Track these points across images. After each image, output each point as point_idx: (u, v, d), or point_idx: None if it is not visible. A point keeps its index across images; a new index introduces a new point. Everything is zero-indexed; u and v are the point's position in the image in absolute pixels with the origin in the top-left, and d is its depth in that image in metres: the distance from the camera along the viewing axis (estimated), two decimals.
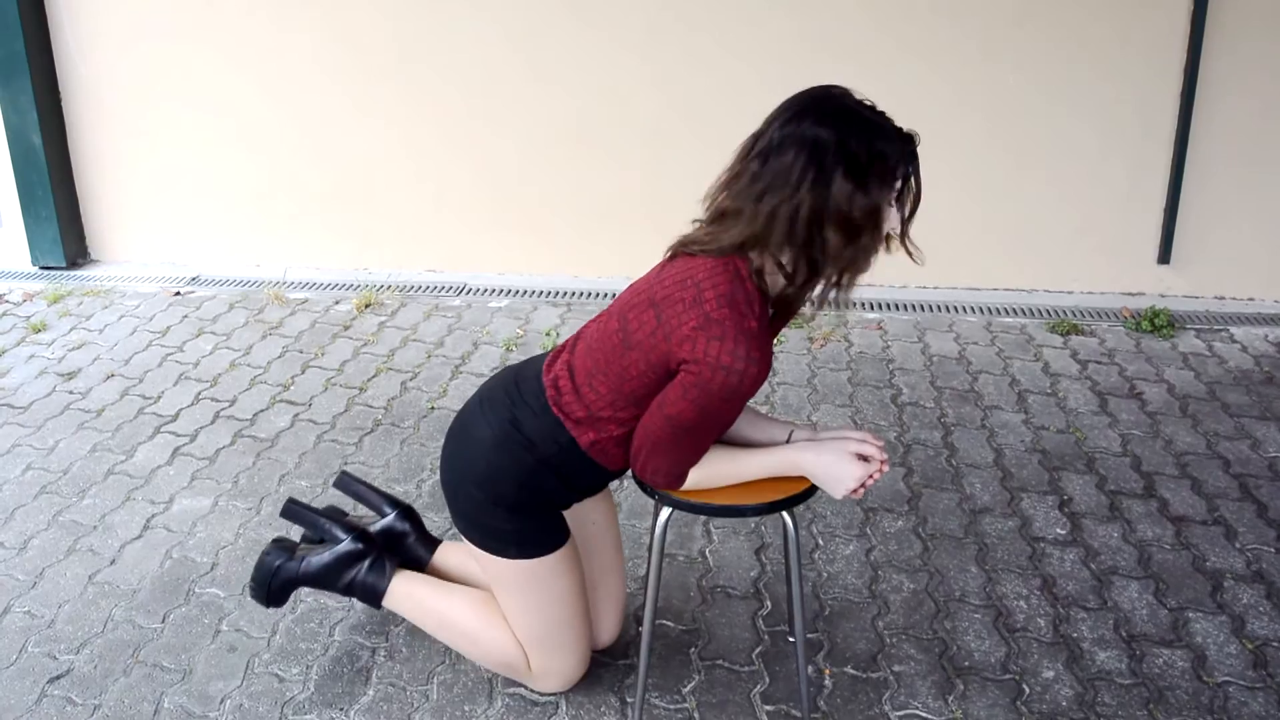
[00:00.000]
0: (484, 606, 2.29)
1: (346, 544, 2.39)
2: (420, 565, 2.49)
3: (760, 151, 1.84)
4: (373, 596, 2.39)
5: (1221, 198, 4.35)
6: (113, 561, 2.85)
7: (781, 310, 2.07)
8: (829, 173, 1.79)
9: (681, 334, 1.85)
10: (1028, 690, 2.35)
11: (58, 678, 2.43)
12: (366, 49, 4.63)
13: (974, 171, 4.43)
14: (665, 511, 2.10)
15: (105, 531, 2.98)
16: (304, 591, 2.67)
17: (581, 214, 4.71)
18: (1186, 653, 2.46)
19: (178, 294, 4.73)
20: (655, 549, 2.11)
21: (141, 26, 4.74)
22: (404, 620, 2.56)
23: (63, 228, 4.96)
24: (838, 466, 2.00)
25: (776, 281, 1.92)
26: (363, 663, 2.46)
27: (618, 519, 2.42)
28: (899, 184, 1.86)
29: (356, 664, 2.46)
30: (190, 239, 5.02)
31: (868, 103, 1.87)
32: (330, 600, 2.64)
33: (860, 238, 1.84)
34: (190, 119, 4.84)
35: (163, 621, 2.61)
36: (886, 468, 2.04)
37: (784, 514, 2.09)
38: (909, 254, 1.94)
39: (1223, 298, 4.50)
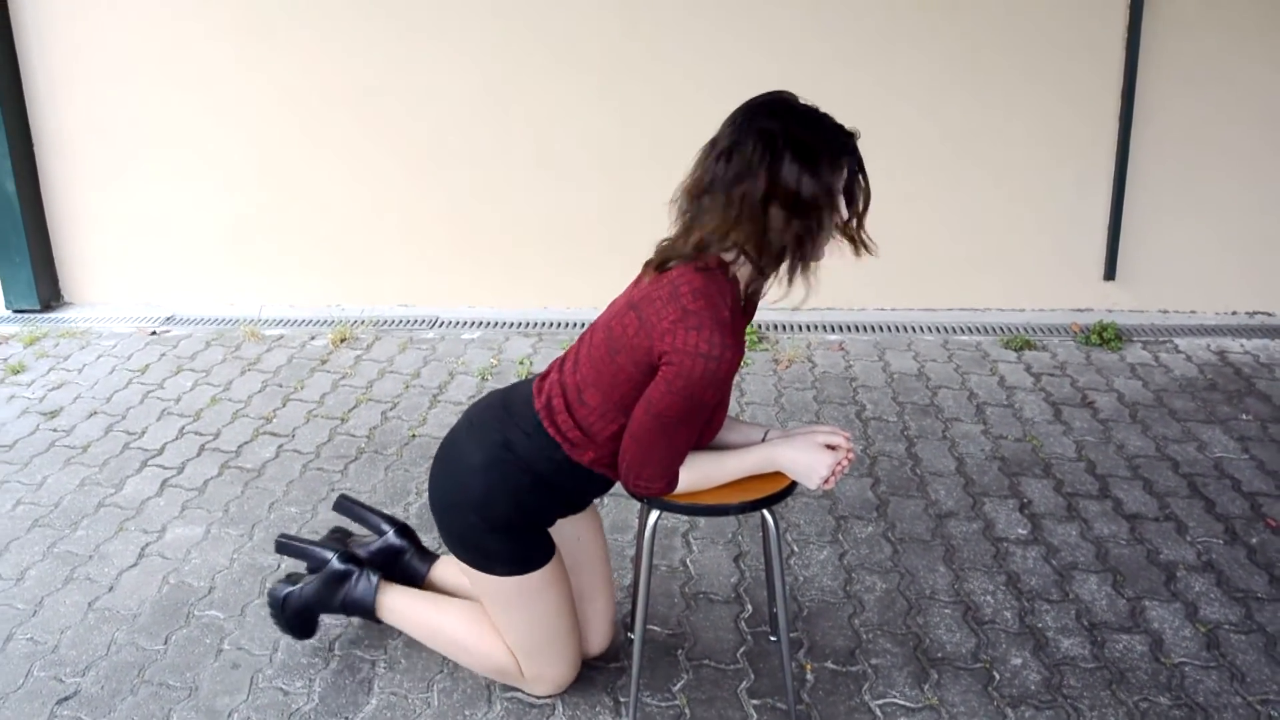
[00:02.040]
0: (476, 617, 2.40)
1: (332, 565, 2.51)
2: (419, 580, 2.59)
3: (722, 151, 1.99)
4: (366, 611, 2.50)
5: (1160, 217, 4.57)
6: (110, 589, 2.92)
7: (750, 301, 2.20)
8: (779, 156, 1.93)
9: (661, 328, 1.98)
10: (998, 677, 2.49)
11: (66, 699, 2.50)
12: (329, 87, 4.76)
13: (927, 195, 4.62)
14: (654, 515, 2.23)
15: (101, 560, 3.06)
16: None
17: (549, 246, 4.84)
18: (1145, 637, 2.61)
19: (154, 333, 4.81)
20: (645, 550, 2.23)
21: (111, 73, 4.84)
22: (402, 633, 2.66)
23: (36, 271, 5.02)
24: (808, 456, 2.14)
25: (745, 271, 2.06)
26: (364, 674, 2.55)
27: (604, 534, 2.54)
28: (844, 174, 1.99)
29: (358, 675, 2.55)
30: (164, 280, 5.10)
31: (810, 104, 2.01)
32: (329, 617, 2.73)
33: (809, 218, 1.96)
34: (160, 163, 4.94)
35: (165, 643, 2.69)
36: (853, 456, 2.18)
37: (764, 512, 2.22)
38: (865, 246, 2.07)
39: (1166, 311, 4.71)
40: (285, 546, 2.62)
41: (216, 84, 4.81)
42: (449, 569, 2.60)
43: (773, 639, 2.63)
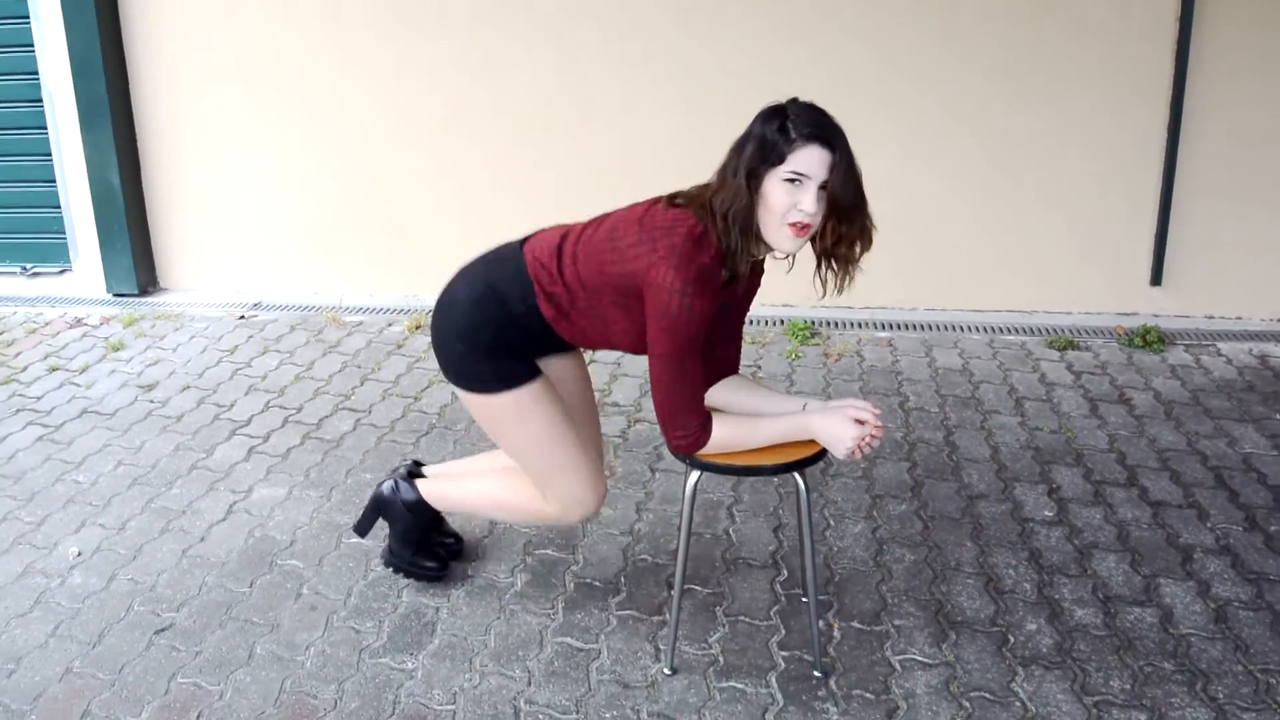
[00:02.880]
0: (504, 475, 2.72)
1: (375, 494, 2.93)
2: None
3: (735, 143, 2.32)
4: (417, 508, 2.86)
5: (1208, 224, 4.69)
6: (202, 539, 3.22)
7: (734, 276, 2.38)
8: (744, 141, 2.28)
9: (653, 258, 2.24)
10: (1012, 640, 2.67)
11: (162, 630, 2.79)
12: (412, 88, 5.05)
13: (979, 201, 4.79)
14: (694, 475, 2.45)
15: (193, 515, 3.35)
16: (374, 561, 3.04)
17: None
18: (1156, 611, 2.78)
19: (242, 318, 5.14)
20: (686, 507, 2.46)
21: (211, 72, 5.19)
22: (463, 584, 2.91)
23: (136, 258, 5.38)
24: (838, 428, 2.36)
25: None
26: (428, 618, 2.81)
27: (589, 382, 2.78)
28: (781, 163, 2.23)
29: (423, 619, 2.80)
30: (252, 269, 5.43)
31: (806, 103, 2.29)
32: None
33: (742, 197, 2.24)
34: (252, 158, 5.28)
35: (250, 586, 2.97)
36: (880, 431, 2.39)
37: (796, 474, 2.43)
38: (838, 247, 2.34)
39: (1212, 317, 4.82)
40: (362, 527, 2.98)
41: (304, 85, 5.14)
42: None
43: (804, 600, 2.84)
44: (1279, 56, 4.49)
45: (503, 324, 2.47)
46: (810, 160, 2.22)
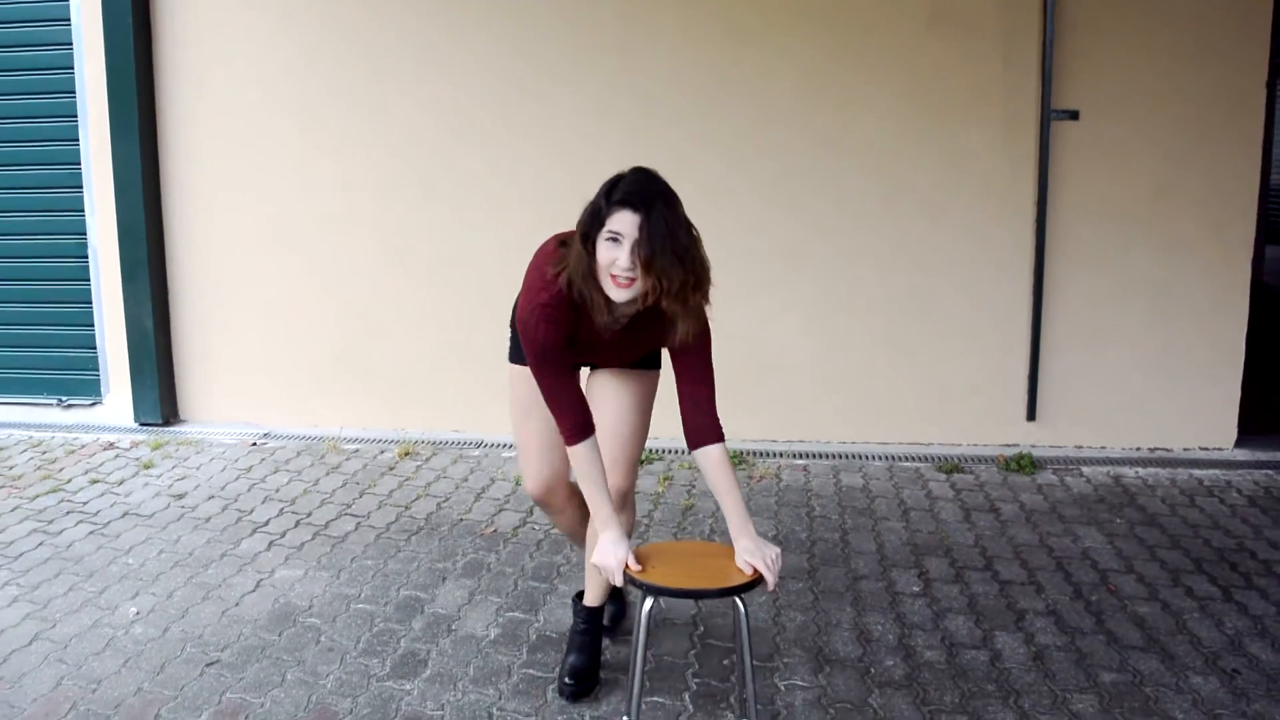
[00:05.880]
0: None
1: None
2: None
3: None
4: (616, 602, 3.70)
5: (1072, 370, 5.65)
6: (237, 604, 3.99)
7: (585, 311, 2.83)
8: (587, 207, 2.74)
9: (521, 291, 2.91)
10: (873, 671, 3.47)
11: (211, 663, 3.54)
12: (401, 253, 6.01)
13: (883, 352, 5.74)
14: (649, 602, 2.81)
15: (228, 588, 4.13)
16: (377, 620, 3.81)
17: None
18: (988, 652, 3.59)
19: (254, 444, 5.96)
20: (640, 637, 2.83)
21: (236, 240, 6.14)
22: (448, 636, 3.69)
23: (161, 393, 6.23)
24: (609, 557, 2.80)
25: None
26: (421, 657, 3.58)
27: (630, 400, 3.19)
28: (603, 225, 2.64)
29: (418, 658, 3.57)
30: (262, 404, 6.28)
31: (640, 170, 2.73)
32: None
33: (580, 257, 2.71)
34: (265, 312, 6.19)
35: (279, 635, 3.73)
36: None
37: (737, 599, 2.81)
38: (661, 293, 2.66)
39: (1080, 446, 5.74)
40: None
41: (310, 249, 6.09)
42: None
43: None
44: (1113, 238, 5.53)
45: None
46: (623, 222, 2.60)
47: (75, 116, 6.20)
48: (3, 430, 6.30)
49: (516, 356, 3.22)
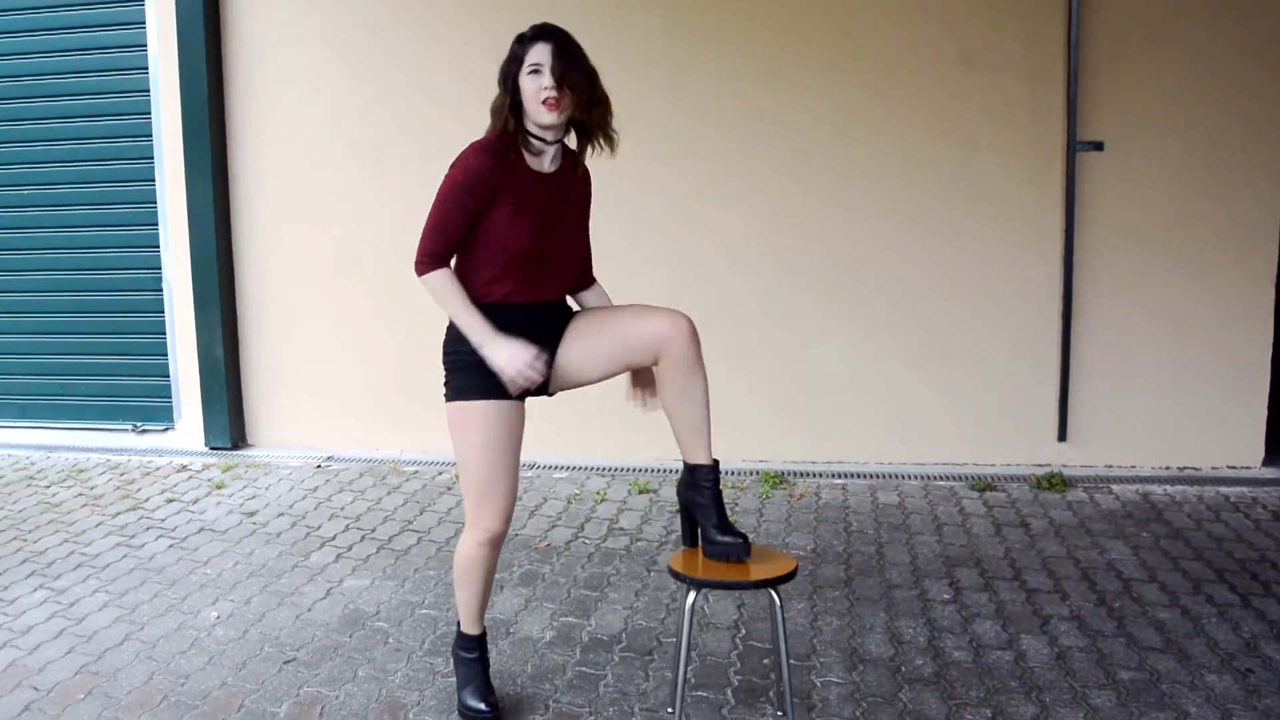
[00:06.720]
0: None
1: None
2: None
3: None
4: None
5: (1101, 393, 5.85)
6: (310, 609, 4.29)
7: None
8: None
9: None
10: (904, 670, 3.71)
11: (289, 661, 3.84)
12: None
13: (919, 377, 5.98)
14: (691, 595, 3.05)
15: (300, 595, 4.43)
16: (440, 625, 4.09)
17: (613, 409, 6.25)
18: (1013, 653, 3.81)
19: (319, 467, 6.29)
20: (685, 628, 3.16)
21: (300, 274, 6.50)
22: (506, 638, 3.97)
23: (230, 418, 6.58)
24: (505, 361, 3.06)
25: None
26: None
27: (616, 309, 3.36)
28: (521, 64, 3.02)
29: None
30: (326, 429, 6.61)
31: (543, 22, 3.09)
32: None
33: (503, 96, 3.08)
34: (329, 341, 6.53)
35: (349, 637, 4.03)
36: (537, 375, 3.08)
37: (772, 590, 3.08)
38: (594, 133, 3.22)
39: (1110, 465, 5.93)
40: None
41: (371, 282, 6.42)
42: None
43: (779, 714, 3.61)
44: (1139, 263, 5.74)
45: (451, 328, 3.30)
46: (540, 53, 3.00)
47: (151, 159, 6.61)
48: (83, 454, 6.68)
49: (456, 394, 3.20)
